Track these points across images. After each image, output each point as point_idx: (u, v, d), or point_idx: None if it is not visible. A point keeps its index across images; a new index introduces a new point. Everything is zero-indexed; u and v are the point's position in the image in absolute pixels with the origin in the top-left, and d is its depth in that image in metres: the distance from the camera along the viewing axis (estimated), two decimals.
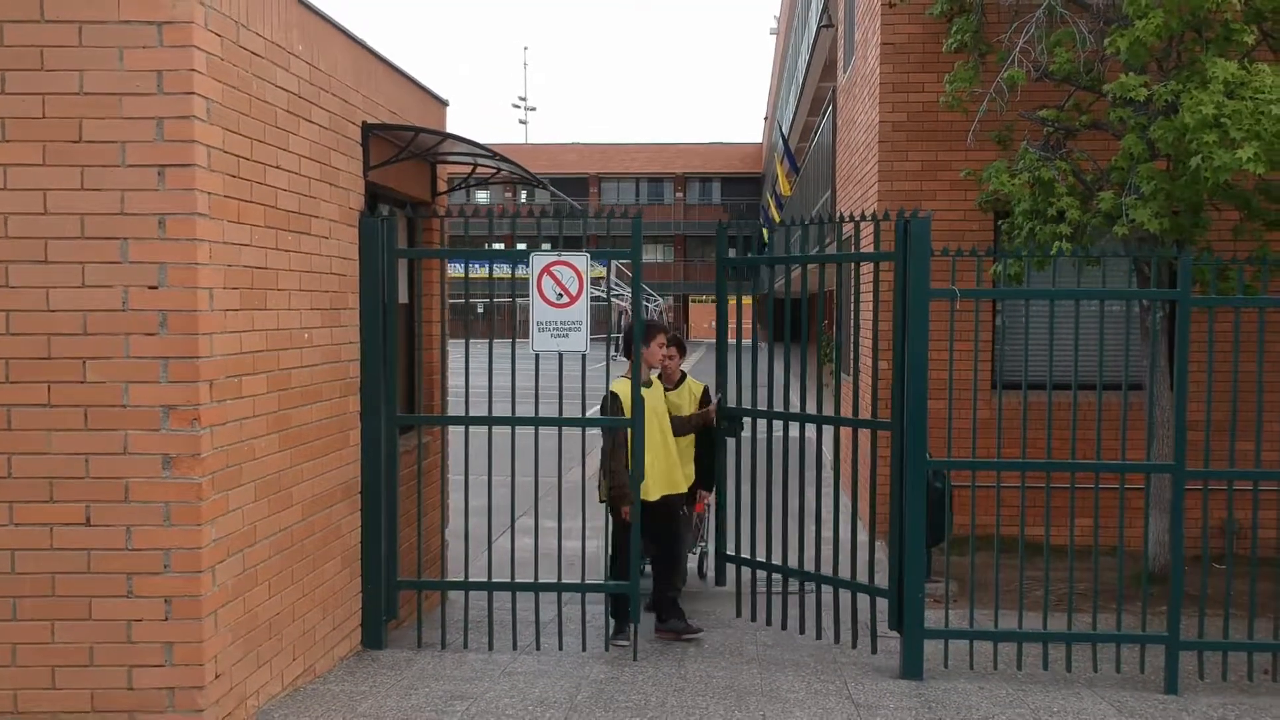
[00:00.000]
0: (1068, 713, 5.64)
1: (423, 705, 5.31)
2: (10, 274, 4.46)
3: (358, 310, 6.17)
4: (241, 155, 4.84)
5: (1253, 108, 6.59)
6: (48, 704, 4.56)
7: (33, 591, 4.52)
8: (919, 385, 6.17)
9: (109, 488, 4.49)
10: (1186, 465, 6.24)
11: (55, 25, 4.42)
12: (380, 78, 6.64)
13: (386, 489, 6.32)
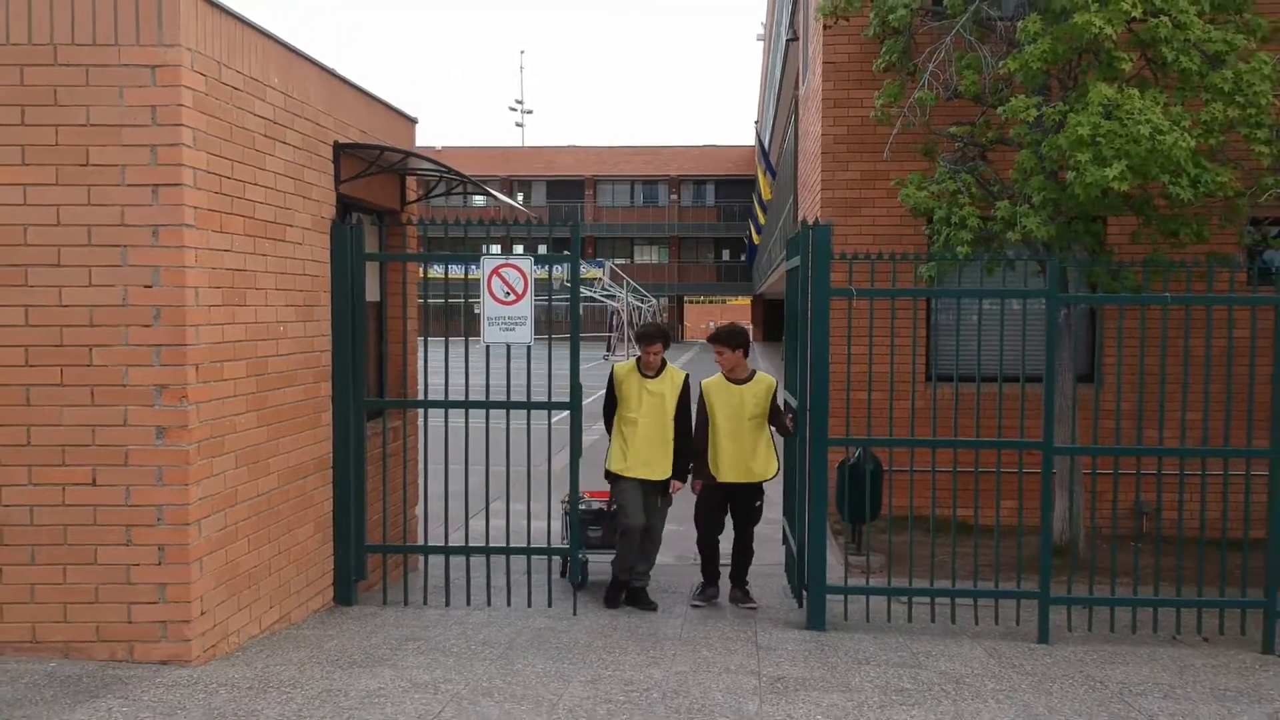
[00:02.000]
0: (945, 656, 6.50)
1: (380, 644, 6.19)
2: (29, 275, 5.35)
3: (329, 307, 7.05)
4: (223, 174, 5.72)
5: (1121, 128, 7.47)
6: (60, 635, 5.45)
7: (48, 540, 5.40)
8: (821, 372, 7.04)
9: (111, 453, 5.38)
10: (1055, 443, 7.10)
11: (66, 68, 5.31)
12: (350, 101, 7.52)
13: (355, 463, 7.21)
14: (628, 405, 7.48)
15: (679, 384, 7.55)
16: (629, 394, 7.49)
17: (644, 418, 7.41)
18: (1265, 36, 8.69)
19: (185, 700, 4.89)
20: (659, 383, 7.49)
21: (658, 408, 7.42)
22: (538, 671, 5.70)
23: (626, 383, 7.51)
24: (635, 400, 7.45)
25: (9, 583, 5.42)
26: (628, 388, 7.51)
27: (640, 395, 7.44)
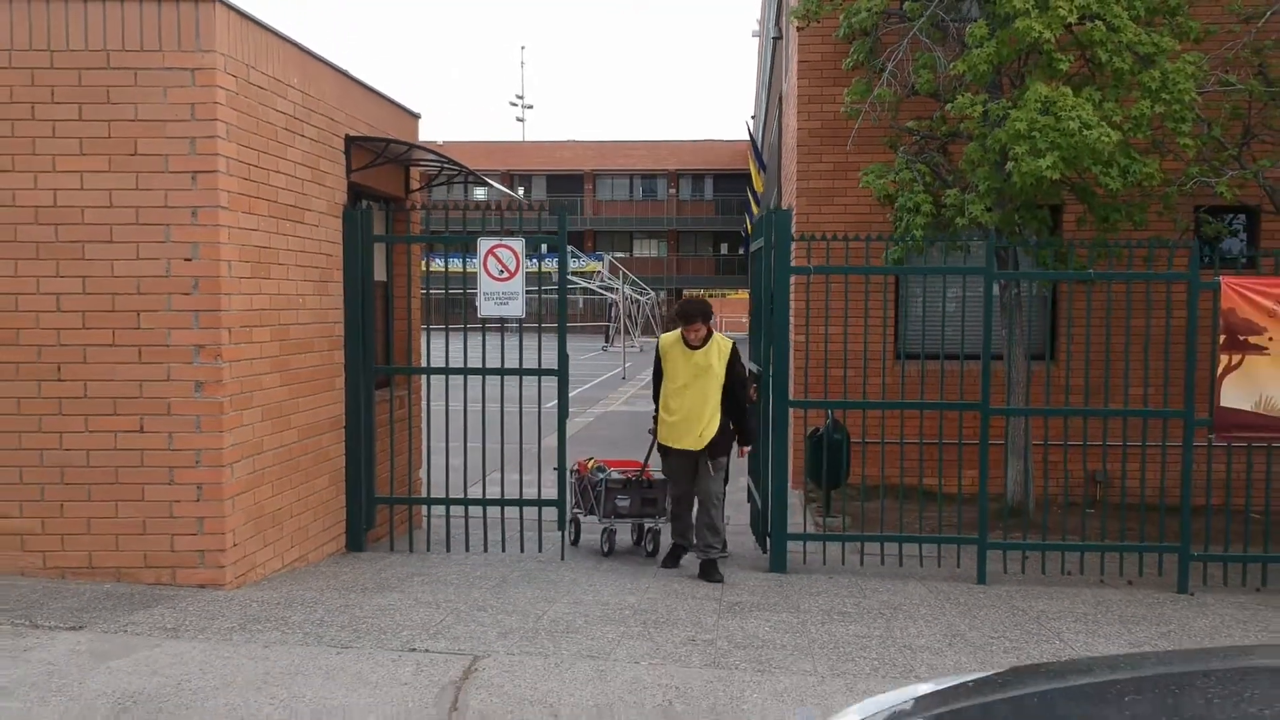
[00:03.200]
0: (888, 591, 7.33)
1: (389, 578, 7.03)
2: (85, 250, 6.18)
3: (342, 283, 7.88)
4: (251, 163, 6.56)
5: (1055, 122, 8.28)
6: (113, 561, 6.29)
7: (102, 480, 6.24)
8: (782, 341, 7.88)
9: (156, 405, 6.21)
10: (991, 405, 7.94)
11: (118, 71, 6.14)
12: (360, 98, 8.35)
13: (365, 424, 8.05)
14: (673, 376, 7.56)
15: (726, 352, 7.55)
16: (674, 365, 7.56)
17: (689, 388, 7.48)
18: (1198, 38, 9.48)
19: (223, 609, 5.74)
20: (705, 353, 7.50)
21: (704, 378, 7.45)
22: (526, 596, 6.54)
23: (671, 354, 7.61)
24: (680, 371, 7.52)
25: (69, 516, 6.27)
26: (672, 359, 7.59)
27: (685, 366, 7.50)
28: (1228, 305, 7.56)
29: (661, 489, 8.23)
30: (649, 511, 8.32)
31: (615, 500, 8.33)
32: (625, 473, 8.44)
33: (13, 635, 5.00)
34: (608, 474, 8.39)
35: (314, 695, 4.44)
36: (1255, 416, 7.61)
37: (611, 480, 8.34)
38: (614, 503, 8.34)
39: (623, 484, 8.31)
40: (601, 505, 8.33)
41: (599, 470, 8.47)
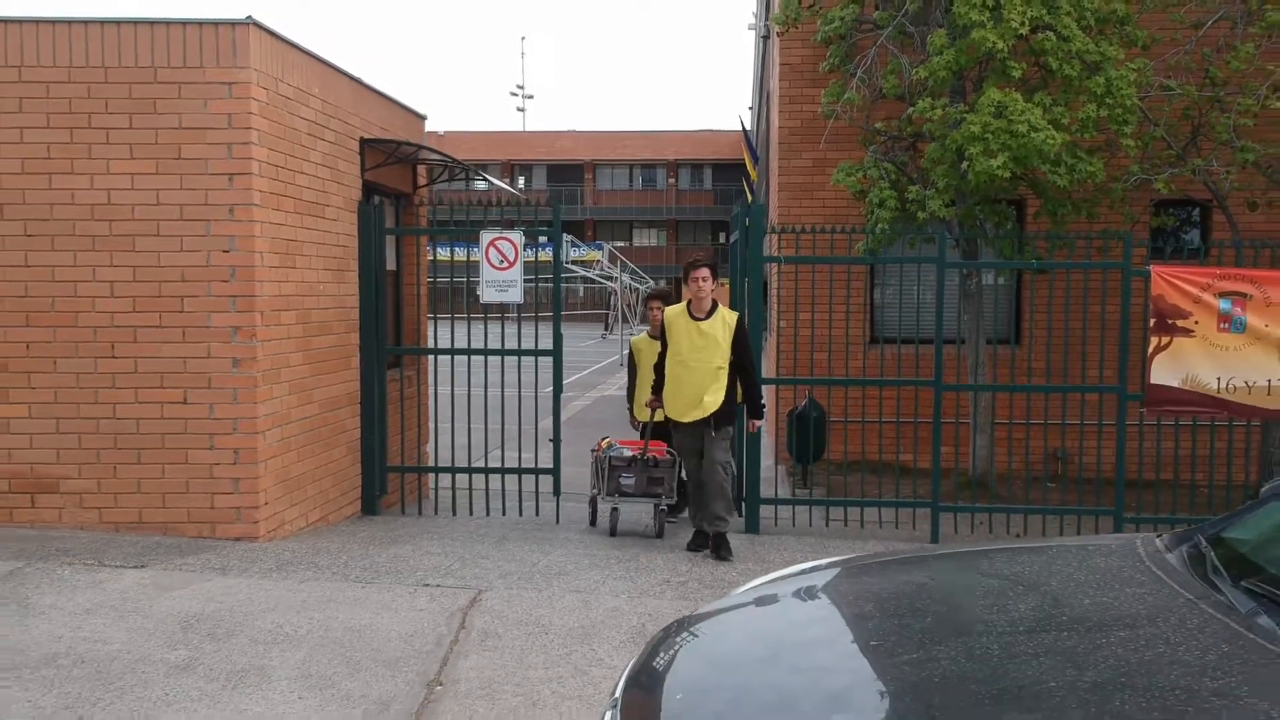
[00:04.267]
0: (848, 549, 8.15)
1: (401, 535, 7.89)
2: (135, 243, 7.02)
3: (357, 272, 8.72)
4: (280, 165, 7.39)
5: (1006, 125, 9.10)
6: (160, 518, 7.14)
7: (151, 445, 7.09)
8: (755, 323, 8.71)
9: (199, 379, 7.06)
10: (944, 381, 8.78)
11: (164, 84, 6.98)
12: (372, 103, 9.19)
13: (378, 399, 8.90)
14: (678, 348, 7.48)
15: (732, 324, 7.48)
16: (678, 336, 7.49)
17: (694, 360, 7.41)
18: (1145, 45, 10.30)
19: (260, 555, 6.60)
20: (710, 324, 7.41)
21: (709, 349, 7.38)
22: (524, 549, 7.40)
23: (675, 325, 7.53)
24: (685, 343, 7.45)
25: (121, 477, 7.12)
26: (676, 330, 7.51)
27: (691, 338, 7.44)
28: (1157, 292, 8.37)
29: (668, 468, 8.17)
30: (655, 491, 8.15)
31: (620, 478, 8.25)
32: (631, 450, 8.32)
33: (87, 571, 5.86)
34: (610, 451, 8.36)
35: (345, 617, 5.31)
36: (1182, 392, 8.43)
37: (615, 458, 8.27)
38: (618, 481, 8.26)
39: (627, 462, 8.22)
40: (605, 483, 8.30)
41: (610, 448, 8.41)
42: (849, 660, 2.38)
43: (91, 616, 5.11)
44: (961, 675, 2.13)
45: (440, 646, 4.96)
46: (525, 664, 4.80)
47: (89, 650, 4.68)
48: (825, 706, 2.18)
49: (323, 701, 4.27)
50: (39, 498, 7.14)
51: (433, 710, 4.26)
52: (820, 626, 2.67)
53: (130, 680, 4.38)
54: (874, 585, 2.87)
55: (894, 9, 10.60)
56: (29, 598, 5.35)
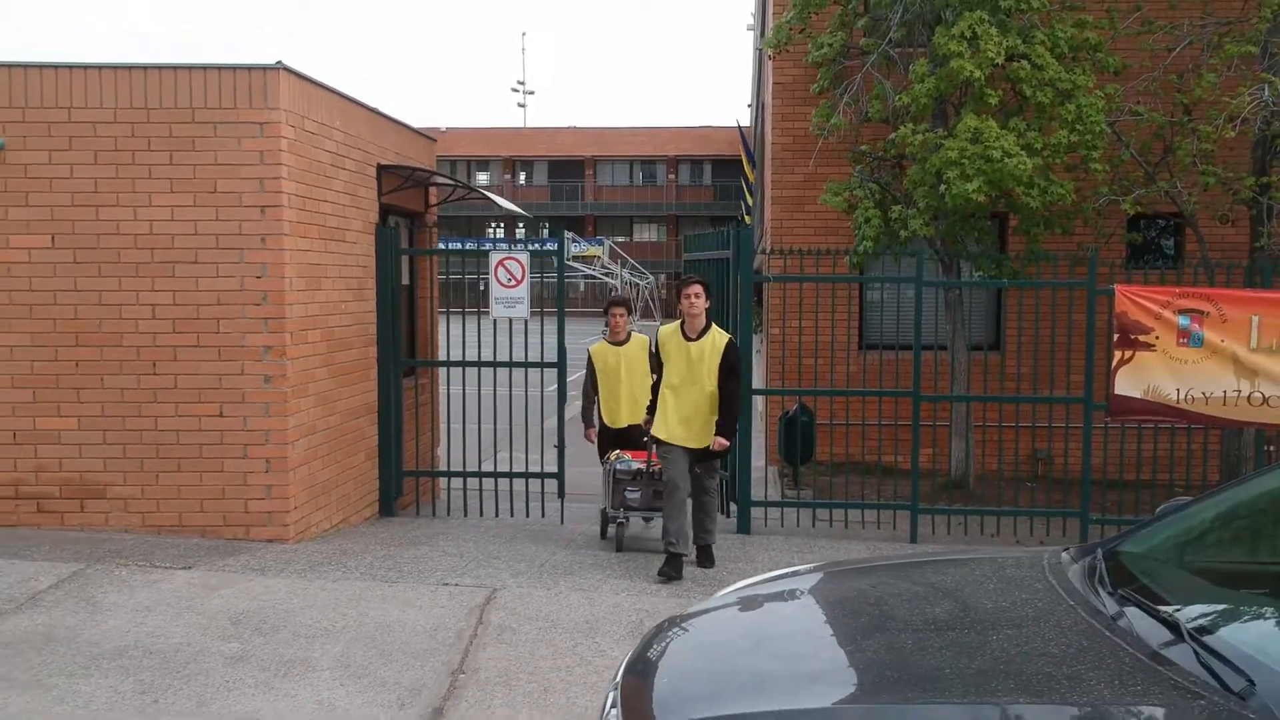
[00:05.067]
0: (832, 549, 8.79)
1: (419, 536, 8.53)
2: (175, 270, 7.66)
3: (375, 290, 9.35)
4: (306, 196, 8.02)
5: (982, 150, 9.72)
6: (198, 521, 7.79)
7: (190, 455, 7.73)
8: (745, 334, 9.33)
9: (234, 394, 7.70)
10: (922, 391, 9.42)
11: (201, 124, 7.61)
12: (388, 131, 9.81)
13: (395, 408, 9.54)
14: (671, 369, 7.41)
15: (721, 346, 7.38)
16: (671, 356, 7.42)
17: (686, 382, 7.34)
18: (1117, 70, 10.92)
19: (293, 556, 7.25)
20: (700, 345, 7.34)
21: (701, 371, 7.30)
22: (532, 549, 8.05)
23: (668, 345, 7.47)
24: (677, 364, 7.38)
25: (162, 484, 7.77)
26: (669, 350, 7.44)
27: (682, 358, 7.37)
28: (1121, 309, 8.99)
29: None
30: (660, 505, 7.82)
31: (625, 492, 8.18)
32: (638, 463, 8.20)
33: (141, 572, 6.50)
34: (614, 464, 8.32)
35: (375, 613, 5.96)
36: (1144, 403, 9.04)
37: (621, 472, 8.22)
38: (624, 495, 8.19)
39: (633, 475, 8.15)
40: (610, 496, 8.27)
41: (618, 460, 8.35)
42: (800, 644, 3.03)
43: (151, 614, 5.75)
44: (878, 662, 2.77)
45: (461, 639, 5.61)
46: (537, 655, 5.45)
47: (154, 643, 5.32)
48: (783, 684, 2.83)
49: (362, 688, 4.92)
50: (87, 503, 7.78)
51: (457, 696, 4.90)
52: (779, 622, 3.31)
53: (193, 669, 5.03)
54: (832, 590, 3.51)
55: (879, 36, 11.23)
56: (94, 596, 5.99)
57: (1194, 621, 2.78)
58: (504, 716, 4.72)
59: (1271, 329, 8.81)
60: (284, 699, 4.76)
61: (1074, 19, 10.85)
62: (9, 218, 7.65)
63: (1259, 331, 8.87)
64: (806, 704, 2.68)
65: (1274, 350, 8.81)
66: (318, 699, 4.78)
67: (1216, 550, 3.69)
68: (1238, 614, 3.02)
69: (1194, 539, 3.65)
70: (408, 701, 4.80)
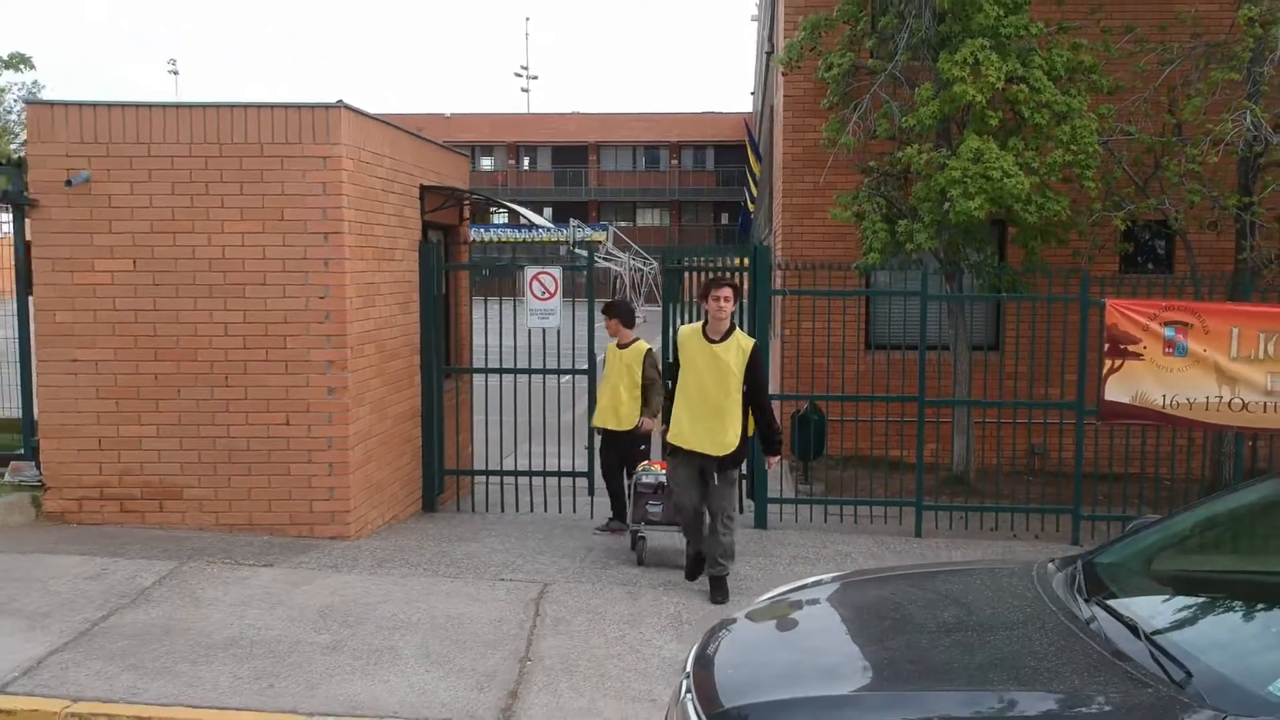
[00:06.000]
0: (843, 543, 9.55)
1: (465, 532, 9.29)
2: (245, 291, 8.38)
3: (418, 302, 10.08)
4: (363, 221, 8.74)
5: (982, 170, 10.43)
6: (267, 520, 8.54)
7: (259, 460, 8.48)
8: (763, 354, 10.07)
9: (300, 404, 8.44)
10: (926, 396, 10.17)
11: (269, 157, 8.32)
12: (429, 153, 10.53)
13: (437, 411, 10.28)
14: (690, 371, 7.14)
15: (747, 350, 7.10)
16: (691, 359, 7.15)
17: (707, 385, 7.07)
18: (1110, 90, 11.62)
19: (358, 554, 8.01)
20: (725, 348, 7.06)
21: (722, 375, 7.02)
22: (570, 545, 8.80)
23: (689, 345, 7.20)
24: (698, 366, 7.11)
25: (234, 487, 8.52)
26: (690, 351, 7.17)
27: (704, 360, 7.09)
28: (1111, 321, 9.72)
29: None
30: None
31: (646, 505, 8.21)
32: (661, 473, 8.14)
33: (229, 569, 7.27)
34: (640, 475, 8.37)
35: (444, 606, 6.72)
36: (1133, 408, 9.78)
37: (641, 485, 8.25)
38: (644, 508, 8.23)
39: (654, 488, 8.16)
40: (632, 509, 8.34)
41: (643, 472, 8.36)
42: (834, 647, 3.79)
43: (248, 608, 6.51)
44: (900, 658, 3.53)
45: (523, 630, 6.37)
46: (591, 644, 6.21)
47: (257, 635, 6.08)
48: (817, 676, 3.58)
49: (444, 674, 5.68)
50: (166, 503, 8.54)
51: (528, 681, 5.66)
52: (816, 624, 4.07)
53: (296, 658, 5.79)
54: (854, 597, 4.27)
55: (885, 57, 11.92)
56: (195, 591, 6.75)
57: (1149, 624, 3.53)
58: (570, 698, 5.48)
59: (1250, 340, 9.55)
60: (379, 684, 5.52)
61: (1070, 41, 11.54)
62: (94, 243, 8.38)
63: (1238, 342, 9.60)
64: (842, 690, 3.44)
65: (1253, 359, 9.54)
66: (408, 683, 5.54)
67: (1176, 561, 4.44)
68: (1184, 616, 3.77)
69: (1158, 551, 4.39)
70: (485, 685, 5.56)
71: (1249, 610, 3.88)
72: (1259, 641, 3.51)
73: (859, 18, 12.21)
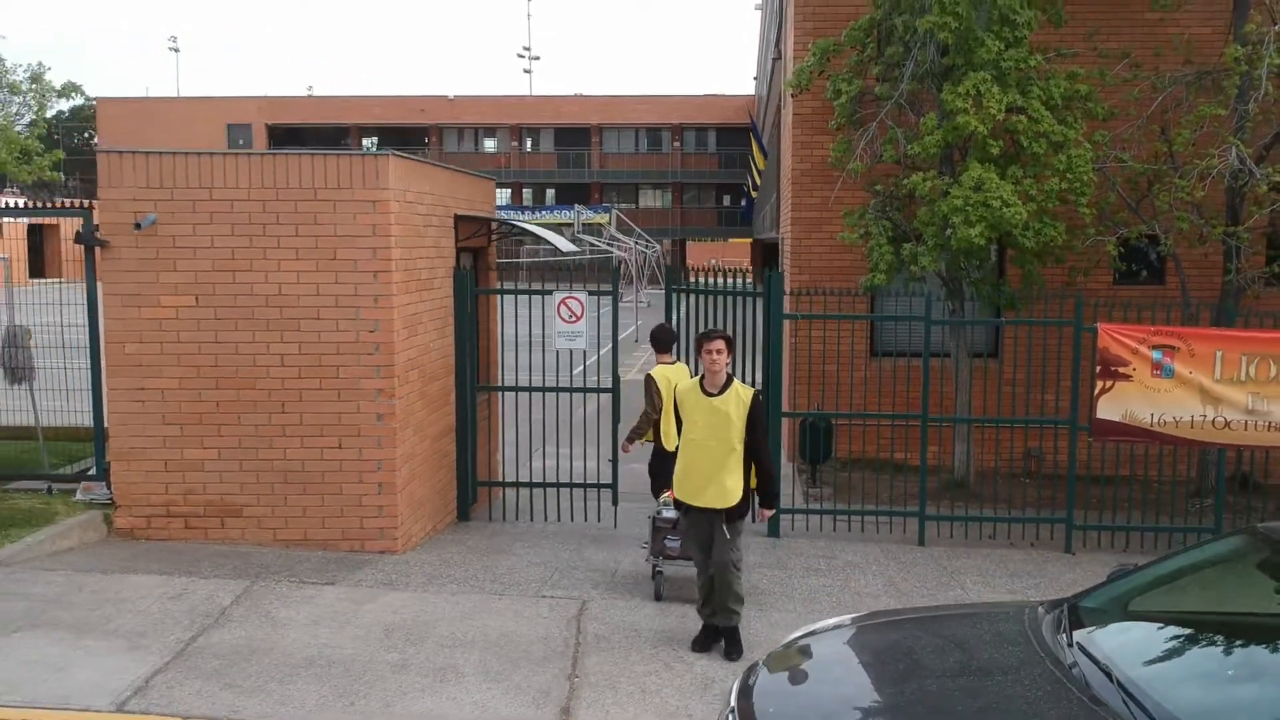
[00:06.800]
0: (852, 552, 10.28)
1: (500, 544, 9.99)
2: (300, 325, 9.05)
3: (453, 326, 10.75)
4: (407, 258, 9.41)
5: (983, 199, 11.08)
6: (320, 536, 9.24)
7: (314, 481, 9.18)
8: (776, 367, 10.76)
9: (351, 430, 9.13)
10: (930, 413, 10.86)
11: (322, 202, 8.97)
12: (461, 183, 11.17)
13: (471, 428, 10.98)
14: (690, 426, 7.15)
15: (747, 401, 7.07)
16: (691, 414, 7.15)
17: (707, 439, 7.06)
18: (1105, 117, 12.26)
19: (408, 570, 8.72)
20: (724, 400, 7.04)
21: (722, 428, 7.00)
22: (600, 557, 9.52)
23: (688, 401, 7.20)
24: (698, 421, 7.10)
25: (290, 505, 9.22)
26: (689, 406, 7.17)
27: (702, 414, 7.09)
28: (1103, 345, 10.40)
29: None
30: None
31: (665, 540, 8.29)
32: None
33: (296, 588, 7.98)
34: (657, 512, 8.43)
35: (495, 624, 7.43)
36: (1122, 426, 10.47)
37: (660, 520, 8.33)
38: (663, 542, 8.31)
39: (672, 524, 8.18)
40: (650, 542, 8.45)
41: (664, 505, 8.29)
42: (861, 690, 4.49)
43: (320, 627, 7.22)
44: (914, 701, 4.23)
45: (568, 648, 7.09)
46: (630, 661, 6.92)
47: (332, 654, 6.79)
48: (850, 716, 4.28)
49: (504, 691, 6.39)
50: (227, 520, 9.24)
51: (577, 697, 6.38)
52: (841, 668, 4.78)
53: (370, 677, 6.50)
54: (873, 640, 4.97)
55: (891, 82, 12.55)
56: (269, 611, 7.46)
57: (1121, 670, 4.22)
58: (616, 713, 6.20)
59: (1233, 363, 10.23)
60: (447, 701, 6.24)
61: (1067, 70, 12.16)
62: (160, 281, 9.04)
63: (1221, 365, 10.29)
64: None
65: (1235, 381, 10.22)
66: (473, 700, 6.25)
67: (1151, 603, 5.13)
68: (1155, 661, 4.46)
69: (1135, 596, 5.09)
70: (541, 702, 6.28)
71: (1211, 655, 4.59)
72: (1218, 685, 4.21)
73: (866, 44, 12.83)
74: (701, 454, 7.11)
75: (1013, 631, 4.79)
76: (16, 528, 8.67)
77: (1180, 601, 5.11)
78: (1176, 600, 5.11)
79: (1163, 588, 5.14)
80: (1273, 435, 10.30)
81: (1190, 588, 5.16)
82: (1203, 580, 5.15)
